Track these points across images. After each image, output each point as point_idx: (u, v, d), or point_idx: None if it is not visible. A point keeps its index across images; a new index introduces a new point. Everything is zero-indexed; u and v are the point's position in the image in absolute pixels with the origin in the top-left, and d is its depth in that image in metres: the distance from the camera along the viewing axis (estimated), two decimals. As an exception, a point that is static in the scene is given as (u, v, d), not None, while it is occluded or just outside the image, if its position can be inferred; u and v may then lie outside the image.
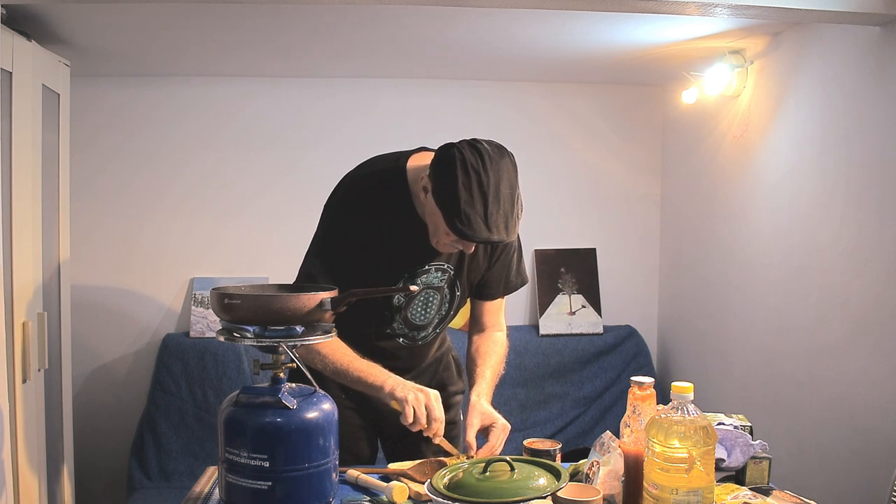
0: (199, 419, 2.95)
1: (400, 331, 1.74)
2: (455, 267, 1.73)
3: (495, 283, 1.81)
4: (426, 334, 1.78)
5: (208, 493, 1.46)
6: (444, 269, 1.71)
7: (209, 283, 3.13)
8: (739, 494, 1.40)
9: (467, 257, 1.73)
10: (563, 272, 3.37)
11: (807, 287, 2.34)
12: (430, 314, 1.74)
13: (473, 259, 1.74)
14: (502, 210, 1.45)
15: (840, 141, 2.19)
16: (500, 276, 1.81)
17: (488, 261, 1.77)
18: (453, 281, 1.74)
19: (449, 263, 1.71)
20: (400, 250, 1.65)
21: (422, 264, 1.67)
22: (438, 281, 1.71)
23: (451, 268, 1.72)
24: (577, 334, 3.30)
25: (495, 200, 1.44)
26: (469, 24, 2.34)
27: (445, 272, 1.72)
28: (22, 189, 2.06)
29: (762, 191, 2.60)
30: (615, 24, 2.31)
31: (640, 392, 1.38)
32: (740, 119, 2.73)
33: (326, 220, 1.69)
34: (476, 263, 1.76)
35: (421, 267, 1.68)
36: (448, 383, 1.91)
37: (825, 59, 2.27)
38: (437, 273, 1.70)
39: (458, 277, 1.74)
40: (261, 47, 2.66)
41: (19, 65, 2.04)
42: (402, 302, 1.70)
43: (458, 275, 1.74)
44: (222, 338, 1.34)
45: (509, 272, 1.82)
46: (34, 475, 2.15)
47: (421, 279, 1.69)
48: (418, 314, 1.73)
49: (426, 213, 1.57)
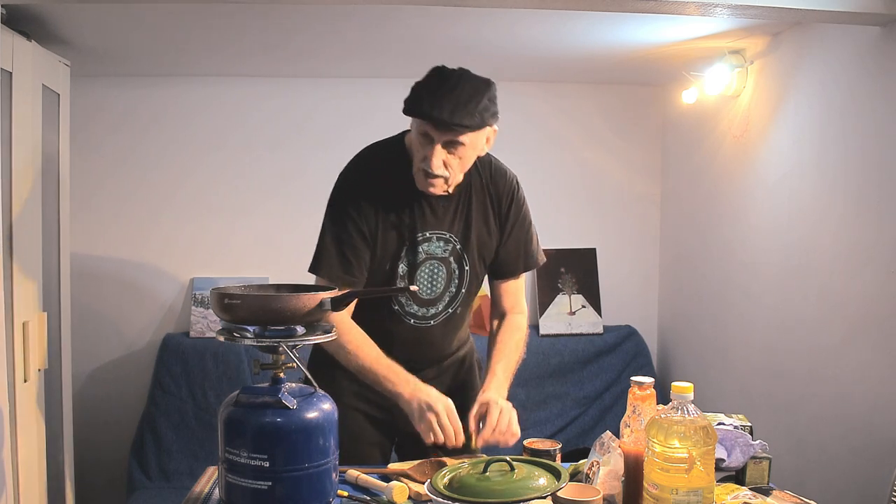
0: (199, 419, 2.95)
1: (409, 308, 1.73)
2: (461, 239, 1.73)
3: (513, 259, 1.81)
4: (436, 311, 1.76)
5: (208, 493, 1.46)
6: (446, 239, 1.72)
7: (209, 283, 3.13)
8: (739, 494, 1.40)
9: (474, 229, 1.73)
10: (563, 272, 3.37)
11: (806, 287, 2.34)
12: (437, 287, 1.73)
13: (481, 231, 1.75)
14: (453, 97, 1.53)
15: (840, 141, 2.19)
16: (516, 252, 1.81)
17: (500, 233, 1.77)
18: (460, 255, 1.74)
19: (452, 233, 1.72)
20: (401, 218, 1.67)
21: (423, 231, 1.69)
22: (441, 251, 1.72)
23: (454, 238, 1.72)
24: (577, 334, 3.30)
25: (450, 88, 1.54)
26: (472, 24, 2.35)
27: (449, 242, 1.72)
28: (22, 189, 2.06)
29: (762, 191, 2.60)
30: (615, 24, 2.31)
31: (640, 392, 1.38)
32: (740, 119, 2.73)
33: (333, 195, 1.73)
34: (484, 236, 1.76)
35: (422, 234, 1.69)
36: (470, 386, 1.89)
37: (825, 59, 2.27)
38: (439, 242, 1.71)
39: (466, 251, 1.74)
40: (263, 48, 2.67)
41: (19, 65, 2.04)
42: (406, 271, 1.70)
43: (466, 248, 1.74)
44: (222, 338, 1.34)
45: (527, 246, 1.82)
46: (34, 475, 2.15)
47: (422, 248, 1.70)
48: (425, 287, 1.72)
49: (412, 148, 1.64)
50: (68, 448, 2.51)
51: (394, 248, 1.69)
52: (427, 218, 1.69)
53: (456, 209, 1.73)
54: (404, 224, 1.68)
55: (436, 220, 1.70)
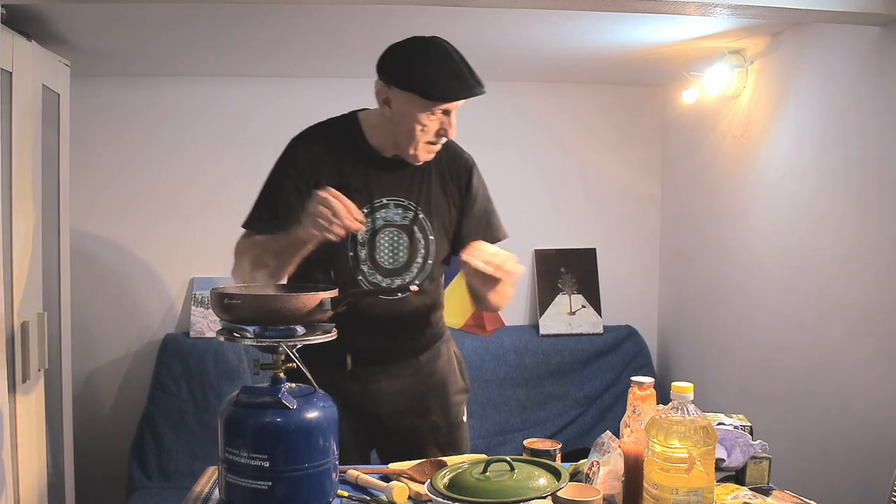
0: (199, 419, 2.95)
1: (372, 277, 1.69)
2: (422, 206, 1.71)
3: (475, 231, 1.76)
4: (402, 283, 1.71)
5: (208, 493, 1.46)
6: (405, 206, 1.70)
7: (209, 283, 3.13)
8: (739, 494, 1.40)
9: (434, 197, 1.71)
10: (562, 272, 3.37)
11: (806, 287, 2.34)
12: (399, 256, 1.70)
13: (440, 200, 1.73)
14: (464, 66, 1.56)
15: (840, 141, 2.19)
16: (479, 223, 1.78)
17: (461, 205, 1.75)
18: (423, 224, 1.71)
19: (410, 200, 1.70)
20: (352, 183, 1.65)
21: (379, 197, 1.68)
22: (401, 219, 1.69)
23: (412, 205, 1.70)
24: (577, 334, 3.30)
25: (456, 61, 1.56)
26: (472, 24, 2.35)
27: (409, 210, 1.70)
28: (22, 189, 2.06)
29: (762, 191, 2.60)
30: (615, 24, 2.31)
31: (640, 392, 1.37)
32: (740, 119, 2.73)
33: (277, 160, 1.74)
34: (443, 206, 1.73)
35: (379, 200, 1.68)
36: (448, 380, 1.83)
37: (825, 59, 2.27)
38: (397, 209, 1.69)
39: (429, 219, 1.72)
40: (263, 48, 2.67)
41: (19, 65, 2.04)
42: (366, 239, 1.67)
43: (428, 216, 1.71)
44: (222, 338, 1.34)
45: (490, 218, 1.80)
46: (34, 475, 2.15)
47: (379, 214, 1.68)
48: (386, 256, 1.69)
49: (394, 122, 1.62)
50: (68, 448, 2.51)
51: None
52: (382, 184, 1.68)
53: (413, 177, 1.71)
54: (356, 189, 1.64)
55: (392, 187, 1.69)
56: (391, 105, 1.62)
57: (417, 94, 1.55)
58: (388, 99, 1.62)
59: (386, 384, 1.75)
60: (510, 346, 3.23)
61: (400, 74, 1.58)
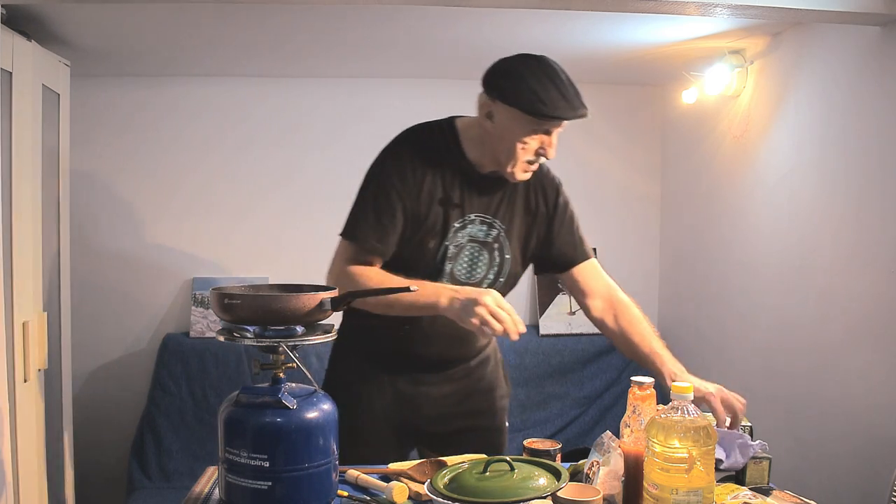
0: (199, 419, 2.95)
1: None
2: (505, 224, 1.70)
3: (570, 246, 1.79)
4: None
5: (208, 493, 1.46)
6: (490, 223, 1.69)
7: (209, 283, 3.13)
8: (739, 494, 1.40)
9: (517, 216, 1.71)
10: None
11: (807, 287, 2.34)
12: (477, 272, 1.70)
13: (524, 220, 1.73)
14: (571, 88, 1.54)
15: (840, 141, 2.19)
16: (572, 238, 1.80)
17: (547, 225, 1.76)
18: (503, 241, 1.71)
19: (496, 218, 1.70)
20: (449, 197, 1.64)
21: (469, 213, 1.67)
22: (484, 235, 1.69)
23: (497, 223, 1.70)
24: (577, 334, 3.30)
25: (562, 82, 1.54)
26: (472, 24, 2.34)
27: (493, 227, 1.69)
28: (22, 189, 2.06)
29: (762, 191, 2.60)
30: (615, 24, 2.31)
31: (640, 392, 1.38)
32: (740, 119, 2.73)
33: (375, 171, 1.66)
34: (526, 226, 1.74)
35: (468, 216, 1.67)
36: (496, 385, 1.86)
37: (825, 59, 2.27)
38: (482, 226, 1.68)
39: (509, 238, 1.71)
40: (263, 48, 2.67)
41: (19, 65, 2.04)
42: (453, 252, 1.66)
43: (509, 235, 1.71)
44: (222, 338, 1.34)
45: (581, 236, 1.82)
46: (34, 475, 2.15)
47: (468, 229, 1.67)
48: (464, 270, 1.69)
49: (495, 137, 1.60)
50: (68, 448, 2.51)
51: (439, 227, 1.65)
52: (474, 200, 1.67)
53: (502, 195, 1.70)
54: (452, 203, 1.65)
55: (481, 203, 1.68)
56: (493, 119, 1.59)
57: (523, 110, 1.53)
58: (492, 113, 1.59)
59: (436, 388, 1.78)
60: (510, 346, 3.22)
61: (506, 89, 1.55)
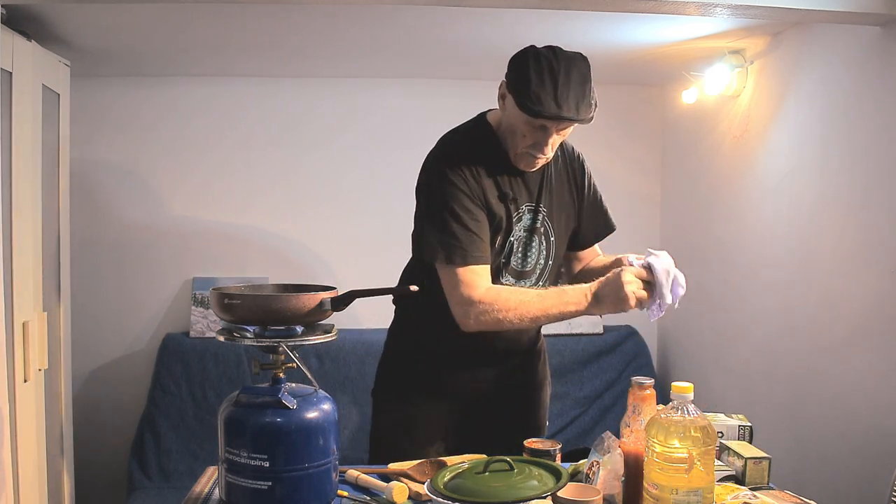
0: (199, 419, 2.95)
1: (505, 280, 1.71)
2: (547, 209, 1.73)
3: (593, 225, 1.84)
4: (530, 285, 1.73)
5: (208, 493, 1.46)
6: (534, 210, 1.71)
7: (209, 283, 3.13)
8: (739, 494, 1.40)
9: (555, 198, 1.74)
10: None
11: (807, 287, 2.34)
12: (529, 260, 1.73)
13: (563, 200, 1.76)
14: (572, 91, 1.53)
15: (840, 141, 2.19)
16: (596, 215, 1.83)
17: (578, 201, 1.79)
18: (548, 226, 1.74)
19: (540, 203, 1.72)
20: (504, 192, 1.66)
21: (521, 203, 1.69)
22: (532, 222, 1.71)
23: (542, 208, 1.72)
24: (577, 334, 3.30)
25: (565, 83, 1.52)
26: (472, 24, 2.35)
27: (538, 213, 1.71)
28: (22, 189, 2.06)
29: (762, 191, 2.60)
30: (615, 24, 2.31)
31: (640, 392, 1.38)
32: (740, 119, 2.73)
33: (434, 188, 1.64)
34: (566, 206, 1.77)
35: (521, 207, 1.69)
36: (544, 382, 1.89)
37: (825, 59, 2.27)
38: (529, 214, 1.71)
39: (552, 221, 1.74)
40: (262, 47, 2.67)
41: (19, 65, 2.04)
42: (515, 245, 1.69)
43: (551, 218, 1.74)
44: (222, 338, 1.34)
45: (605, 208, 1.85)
46: (34, 475, 2.15)
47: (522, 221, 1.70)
48: (518, 259, 1.71)
49: (504, 125, 1.64)
50: (68, 448, 2.51)
51: (505, 223, 1.67)
52: (521, 190, 1.69)
53: (542, 181, 1.73)
54: (508, 197, 1.67)
55: (526, 192, 1.70)
56: (504, 105, 1.64)
57: (516, 104, 1.56)
58: (503, 96, 1.63)
59: (487, 384, 1.79)
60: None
61: (510, 79, 1.59)
